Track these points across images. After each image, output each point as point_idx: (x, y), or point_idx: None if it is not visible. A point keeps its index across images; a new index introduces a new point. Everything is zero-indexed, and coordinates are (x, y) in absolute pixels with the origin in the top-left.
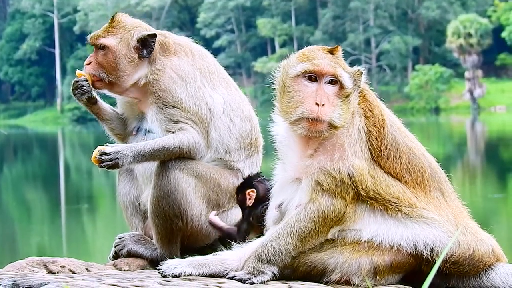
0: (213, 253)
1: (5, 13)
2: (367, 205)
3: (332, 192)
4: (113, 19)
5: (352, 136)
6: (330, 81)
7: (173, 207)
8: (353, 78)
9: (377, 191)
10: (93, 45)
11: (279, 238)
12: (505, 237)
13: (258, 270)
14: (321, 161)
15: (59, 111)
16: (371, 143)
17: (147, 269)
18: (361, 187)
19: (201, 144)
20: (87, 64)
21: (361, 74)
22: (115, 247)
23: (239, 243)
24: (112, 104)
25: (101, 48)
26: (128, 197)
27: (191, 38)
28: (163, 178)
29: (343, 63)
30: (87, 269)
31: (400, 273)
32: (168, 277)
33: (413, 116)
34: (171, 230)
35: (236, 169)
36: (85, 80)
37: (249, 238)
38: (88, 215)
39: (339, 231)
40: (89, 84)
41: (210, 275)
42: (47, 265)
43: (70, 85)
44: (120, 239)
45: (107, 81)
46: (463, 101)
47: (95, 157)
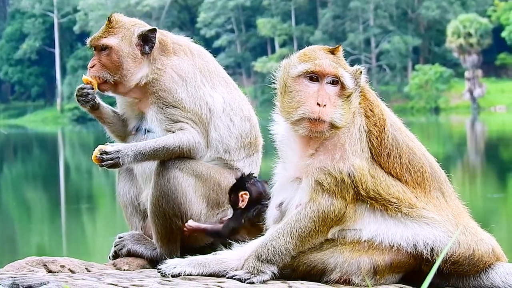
0: (213, 253)
1: (5, 13)
2: (367, 205)
3: (332, 192)
4: (110, 20)
5: (353, 135)
6: (331, 81)
7: (172, 207)
8: (354, 78)
9: (377, 191)
10: (94, 48)
11: (279, 237)
12: (505, 236)
13: (258, 269)
14: (322, 160)
15: (59, 111)
16: (371, 142)
17: (146, 268)
18: (361, 187)
19: (201, 143)
20: (91, 67)
21: (361, 73)
22: (115, 246)
23: (226, 239)
24: (112, 104)
25: (103, 49)
26: (127, 196)
27: (191, 38)
28: (163, 177)
29: (344, 63)
30: (86, 268)
31: (400, 272)
32: (167, 277)
33: (413, 116)
34: (170, 229)
35: (235, 169)
36: (91, 88)
37: (237, 237)
38: (88, 214)
39: (339, 231)
40: (94, 92)
41: (210, 275)
42: (47, 264)
43: (70, 85)
44: (119, 238)
45: (112, 82)
46: (463, 101)
47: (96, 156)
